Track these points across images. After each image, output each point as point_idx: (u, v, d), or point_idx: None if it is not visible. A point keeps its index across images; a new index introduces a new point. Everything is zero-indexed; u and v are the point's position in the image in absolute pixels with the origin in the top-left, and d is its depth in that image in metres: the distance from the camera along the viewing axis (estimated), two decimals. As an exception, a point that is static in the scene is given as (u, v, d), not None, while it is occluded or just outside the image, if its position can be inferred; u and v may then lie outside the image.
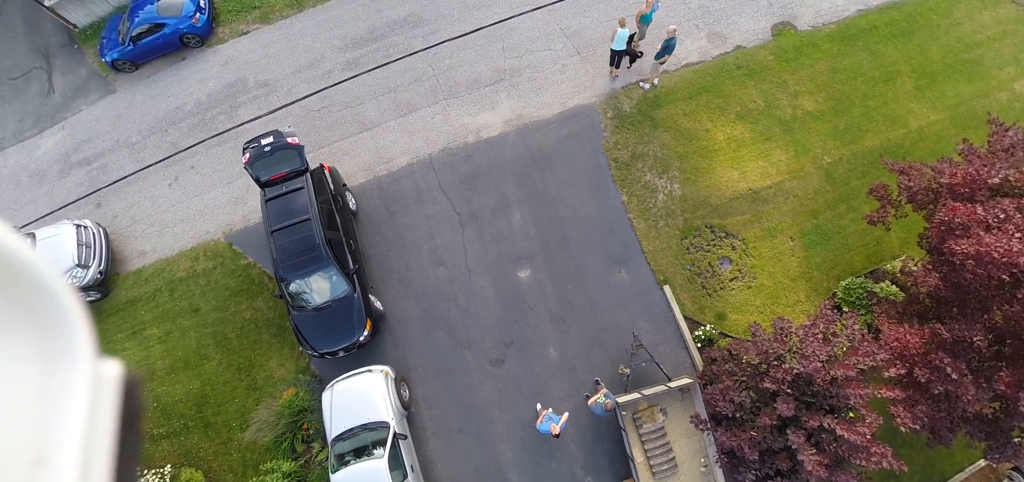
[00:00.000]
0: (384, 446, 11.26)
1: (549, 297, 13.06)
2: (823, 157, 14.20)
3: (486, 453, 12.54)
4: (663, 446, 12.14)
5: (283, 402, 12.55)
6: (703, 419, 11.32)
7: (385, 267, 13.37)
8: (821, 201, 14.02)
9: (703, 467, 12.34)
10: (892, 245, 14.04)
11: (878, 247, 14.01)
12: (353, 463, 11.31)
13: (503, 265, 13.23)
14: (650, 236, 13.39)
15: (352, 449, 11.62)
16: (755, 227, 13.71)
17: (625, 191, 13.56)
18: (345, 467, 11.28)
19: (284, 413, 12.42)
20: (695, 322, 13.12)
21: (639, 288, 13.13)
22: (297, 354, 13.33)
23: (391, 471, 11.23)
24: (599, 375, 12.63)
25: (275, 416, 12.35)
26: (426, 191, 13.63)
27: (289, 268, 12.00)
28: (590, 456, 12.46)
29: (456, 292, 13.15)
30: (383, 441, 11.35)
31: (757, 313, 13.31)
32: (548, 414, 11.58)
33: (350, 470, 11.21)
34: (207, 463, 13.37)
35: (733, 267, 13.48)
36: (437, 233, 13.42)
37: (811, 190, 14.02)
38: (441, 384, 12.83)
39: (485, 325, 13.00)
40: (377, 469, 11.05)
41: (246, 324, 13.58)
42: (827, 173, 14.15)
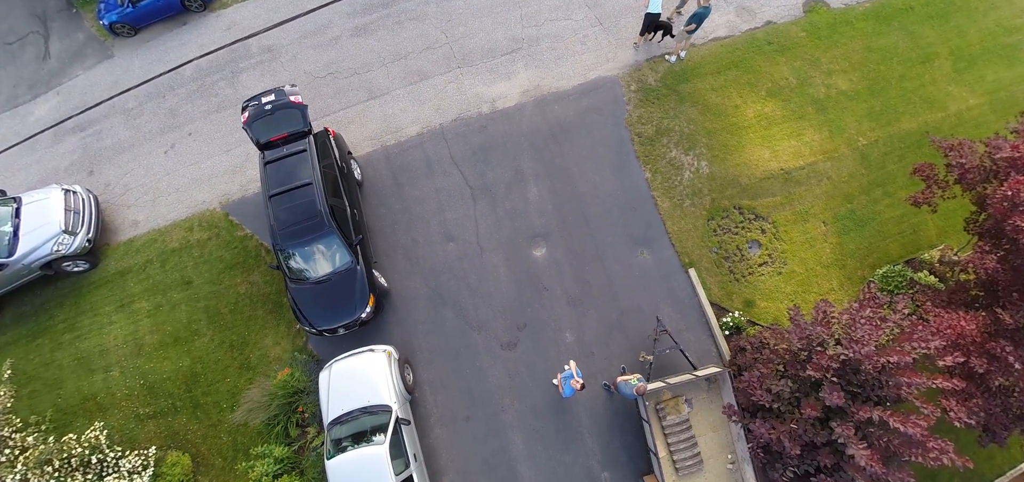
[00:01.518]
0: (385, 432, 10.00)
1: (566, 278, 11.83)
2: (858, 138, 13.00)
3: (495, 443, 11.27)
4: (688, 440, 10.86)
5: (277, 382, 11.30)
6: (736, 409, 10.05)
7: (391, 241, 12.16)
8: (856, 185, 12.80)
9: (730, 464, 11.05)
10: (929, 234, 12.81)
11: (915, 236, 12.78)
12: (351, 449, 10.05)
13: (517, 242, 12.02)
14: (675, 216, 12.17)
15: (350, 434, 10.35)
16: (786, 210, 12.49)
17: (649, 168, 12.36)
18: (342, 453, 10.03)
19: (278, 394, 11.16)
20: (722, 308, 11.87)
21: (662, 271, 11.90)
22: (294, 332, 12.09)
23: (392, 459, 9.98)
24: (623, 363, 11.38)
25: (268, 397, 11.09)
26: (436, 162, 12.45)
27: (287, 236, 10.78)
28: (607, 449, 11.19)
29: (466, 270, 11.93)
30: (384, 426, 10.08)
31: (788, 301, 12.05)
32: (564, 375, 10.32)
33: (347, 457, 9.94)
34: (195, 446, 12.10)
35: (762, 251, 12.25)
36: (447, 207, 12.22)
37: (845, 173, 12.81)
38: (448, 368, 11.58)
39: (496, 306, 11.76)
40: (377, 456, 9.78)
41: (240, 299, 12.36)
42: (862, 156, 12.94)
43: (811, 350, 9.47)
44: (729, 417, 10.07)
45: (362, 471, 9.82)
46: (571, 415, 11.30)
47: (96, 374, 12.61)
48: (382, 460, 9.74)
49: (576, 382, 9.86)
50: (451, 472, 11.22)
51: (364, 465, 9.82)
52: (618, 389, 10.47)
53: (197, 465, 12.04)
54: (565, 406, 11.29)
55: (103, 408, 12.40)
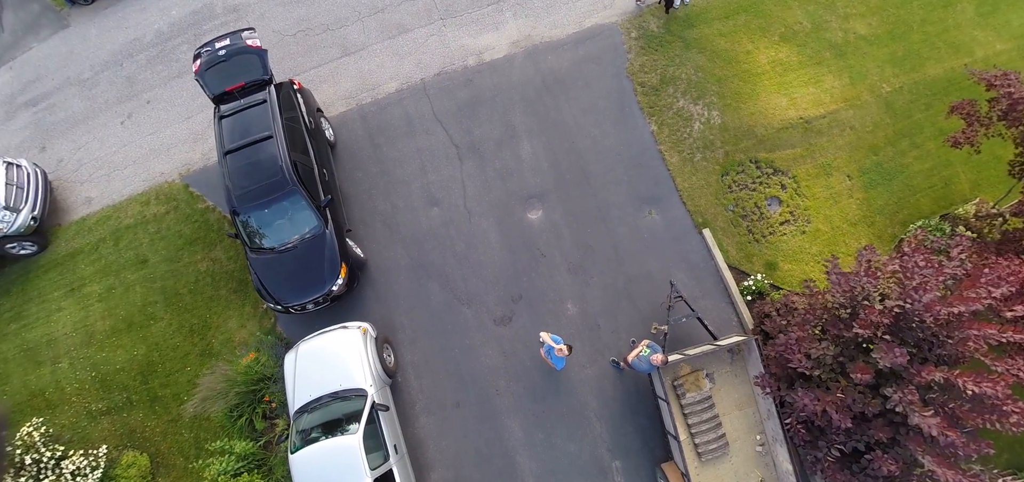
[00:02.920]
0: (359, 420, 8.14)
1: (565, 242, 10.03)
2: (881, 85, 11.29)
3: (489, 431, 9.40)
4: (711, 420, 9.01)
5: (238, 368, 9.43)
6: (770, 381, 8.22)
7: (368, 208, 10.35)
8: (881, 135, 11.07)
9: (759, 446, 9.19)
10: (962, 188, 11.06)
11: (946, 190, 11.03)
12: (321, 440, 8.17)
13: (510, 205, 10.22)
14: (685, 172, 10.41)
15: (320, 424, 8.46)
16: (807, 163, 10.74)
17: (654, 120, 10.62)
18: (309, 445, 8.15)
19: (238, 380, 9.28)
20: (741, 272, 10.07)
21: (673, 232, 10.11)
22: (261, 312, 10.23)
23: (368, 451, 8.11)
24: (632, 336, 9.55)
25: (226, 384, 9.20)
26: (418, 120, 10.68)
27: (245, 198, 8.96)
28: (618, 435, 9.33)
29: (453, 237, 10.11)
30: (358, 414, 8.23)
31: (813, 263, 10.27)
32: (546, 350, 8.53)
33: (314, 449, 8.05)
34: (154, 444, 10.18)
35: (783, 209, 10.48)
36: (430, 168, 10.43)
37: (869, 122, 11.08)
38: (434, 347, 9.73)
39: (488, 276, 9.94)
40: (348, 448, 7.90)
41: (201, 277, 10.51)
42: (887, 103, 11.22)
43: (855, 305, 7.68)
44: (762, 389, 8.24)
45: (331, 465, 7.93)
46: (575, 397, 9.46)
47: (44, 367, 10.71)
48: (354, 452, 7.86)
49: (560, 349, 8.11)
50: (439, 466, 9.33)
51: (333, 458, 7.94)
52: (631, 365, 8.64)
53: (156, 465, 10.12)
54: (568, 387, 9.45)
55: (52, 405, 10.49)
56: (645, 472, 9.22)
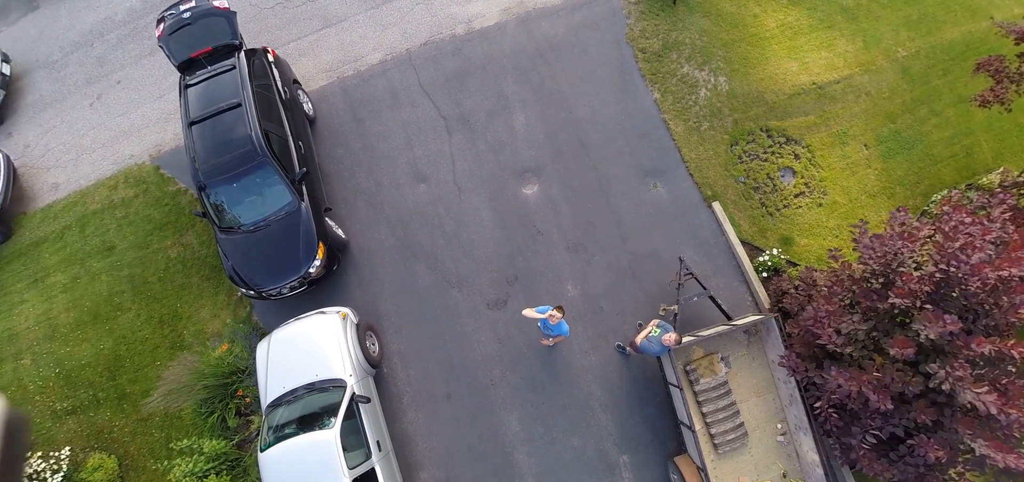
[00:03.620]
0: (337, 413, 7.08)
1: (564, 219, 9.02)
2: (897, 50, 10.32)
3: (483, 425, 8.34)
4: (727, 408, 7.95)
5: (207, 359, 8.38)
6: (796, 361, 7.15)
7: (349, 186, 9.33)
8: (898, 102, 10.09)
9: (780, 436, 8.13)
10: (985, 157, 10.07)
11: (968, 159, 10.04)
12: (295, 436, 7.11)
13: (503, 180, 9.21)
14: (692, 141, 9.41)
15: (294, 418, 7.37)
16: (821, 131, 9.75)
17: (657, 87, 9.63)
18: (281, 441, 7.08)
19: (207, 373, 8.23)
20: (754, 247, 9.05)
21: (681, 206, 9.10)
22: (235, 301, 9.19)
23: (347, 449, 7.06)
24: (639, 318, 8.52)
25: (193, 376, 8.15)
26: (403, 92, 9.68)
27: (213, 171, 7.94)
28: (626, 427, 8.27)
29: (442, 215, 9.09)
30: (337, 407, 7.17)
31: (832, 237, 9.25)
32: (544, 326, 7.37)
33: (286, 446, 6.97)
34: (122, 445, 9.10)
35: (797, 180, 9.47)
36: (417, 142, 9.42)
37: (885, 88, 10.10)
38: (422, 334, 8.68)
39: (480, 256, 8.91)
40: (323, 444, 6.82)
41: (171, 264, 9.47)
42: (903, 69, 10.25)
43: (890, 273, 6.66)
44: (788, 370, 7.17)
45: (305, 463, 6.85)
46: (578, 386, 8.41)
47: (5, 364, 9.63)
48: (330, 448, 6.79)
49: (553, 315, 6.97)
50: (429, 464, 8.26)
51: (307, 456, 6.86)
52: (639, 349, 7.59)
53: (125, 468, 9.03)
54: (570, 376, 8.40)
55: (14, 404, 9.40)
56: (655, 467, 8.16)
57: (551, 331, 7.37)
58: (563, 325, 7.21)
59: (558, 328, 7.21)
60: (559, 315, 7.00)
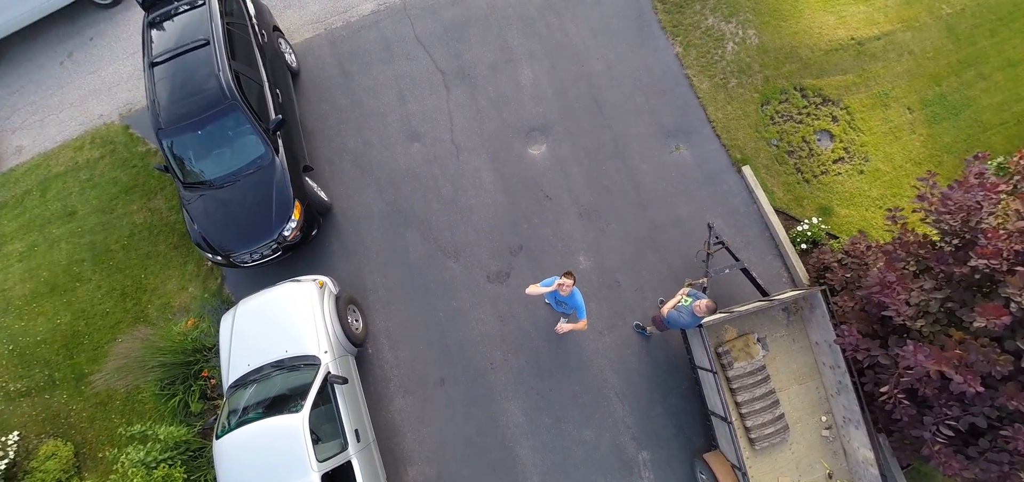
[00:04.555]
0: (307, 395, 5.72)
1: (575, 183, 7.67)
2: (941, 6, 8.93)
3: (482, 415, 6.96)
4: (765, 397, 6.54)
5: (169, 333, 7.04)
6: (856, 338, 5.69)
7: (335, 145, 8.01)
8: (943, 63, 8.71)
9: (825, 430, 6.70)
10: (1039, 126, 8.72)
11: (1019, 127, 8.59)
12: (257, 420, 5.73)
13: (506, 139, 7.87)
14: (718, 100, 8.06)
15: (259, 401, 6.01)
16: (861, 92, 8.39)
17: (678, 40, 8.30)
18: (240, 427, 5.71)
19: (166, 349, 6.89)
20: (790, 217, 7.68)
21: (706, 170, 7.73)
22: (205, 272, 7.86)
23: (321, 439, 5.72)
24: (662, 294, 7.14)
25: (148, 351, 6.81)
26: (397, 44, 8.37)
27: (175, 116, 6.63)
28: (645, 419, 6.87)
29: (437, 177, 7.76)
30: (308, 388, 5.81)
31: (875, 208, 7.87)
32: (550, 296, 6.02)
33: (244, 432, 5.61)
34: (80, 431, 7.74)
35: (836, 144, 8.10)
36: (411, 98, 8.11)
37: (929, 47, 8.73)
38: (413, 311, 7.32)
39: (480, 223, 7.56)
40: (287, 431, 5.45)
41: (137, 231, 8.16)
42: (948, 27, 8.87)
43: (968, 232, 5.29)
44: (850, 349, 5.71)
45: (267, 453, 5.49)
46: (591, 371, 7.02)
47: (-45, 343, 8.36)
48: (297, 435, 5.42)
49: (562, 284, 5.59)
50: (419, 459, 6.86)
51: (270, 443, 5.49)
52: (665, 323, 6.19)
53: (82, 456, 7.68)
54: (582, 359, 7.00)
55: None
56: (680, 465, 6.74)
57: (565, 305, 5.96)
58: (577, 296, 5.77)
59: (572, 300, 5.78)
60: (570, 282, 5.60)
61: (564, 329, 5.86)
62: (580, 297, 5.81)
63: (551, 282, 5.78)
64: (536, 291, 5.81)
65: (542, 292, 5.80)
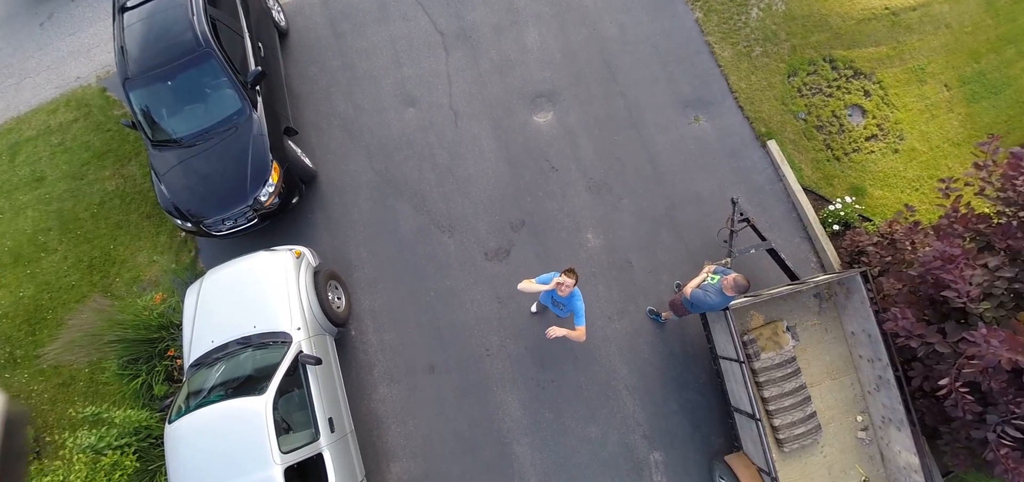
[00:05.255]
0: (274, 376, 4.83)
1: (585, 154, 6.79)
2: (981, -21, 8.12)
3: (475, 407, 6.05)
4: (795, 393, 5.60)
5: (132, 307, 6.18)
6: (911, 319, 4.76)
7: (323, 110, 7.17)
8: (982, 39, 7.82)
9: (861, 431, 5.77)
10: (1085, 111, 7.80)
11: (1065, 112, 7.77)
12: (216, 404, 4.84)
13: (510, 105, 7.01)
14: (741, 69, 7.18)
15: (222, 382, 5.10)
16: (895, 65, 7.50)
17: (698, 5, 7.41)
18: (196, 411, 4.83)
19: (126, 323, 6.01)
20: (820, 197, 6.78)
21: (728, 144, 6.85)
22: (178, 243, 7.00)
23: (290, 429, 4.83)
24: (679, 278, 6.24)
25: (105, 324, 5.94)
26: (393, 3, 7.52)
27: (142, 66, 5.81)
28: (659, 415, 5.95)
29: (433, 145, 6.89)
30: (274, 369, 4.92)
31: (911, 190, 6.97)
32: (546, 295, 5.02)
33: (199, 417, 4.71)
34: (41, 414, 6.83)
35: (868, 120, 7.21)
36: (407, 60, 7.25)
37: (967, 21, 7.84)
38: (402, 290, 6.44)
39: (479, 196, 6.69)
40: (248, 415, 4.54)
41: (108, 199, 7.32)
42: (987, 1, 8.02)
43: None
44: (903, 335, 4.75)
45: (224, 440, 4.57)
46: (598, 362, 6.10)
47: (-87, 316, 7.53)
48: (258, 421, 4.52)
49: (561, 283, 4.58)
50: (403, 454, 5.95)
51: (227, 429, 4.58)
52: (686, 306, 5.27)
53: (41, 441, 6.79)
54: (588, 349, 6.08)
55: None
56: (696, 467, 5.81)
57: (562, 307, 4.93)
58: (577, 298, 4.73)
59: (571, 302, 4.76)
60: (571, 282, 4.57)
61: (556, 334, 4.62)
62: (581, 301, 4.76)
63: (548, 279, 4.76)
64: (530, 288, 4.76)
65: (538, 290, 4.75)
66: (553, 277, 4.72)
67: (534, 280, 4.81)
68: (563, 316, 5.14)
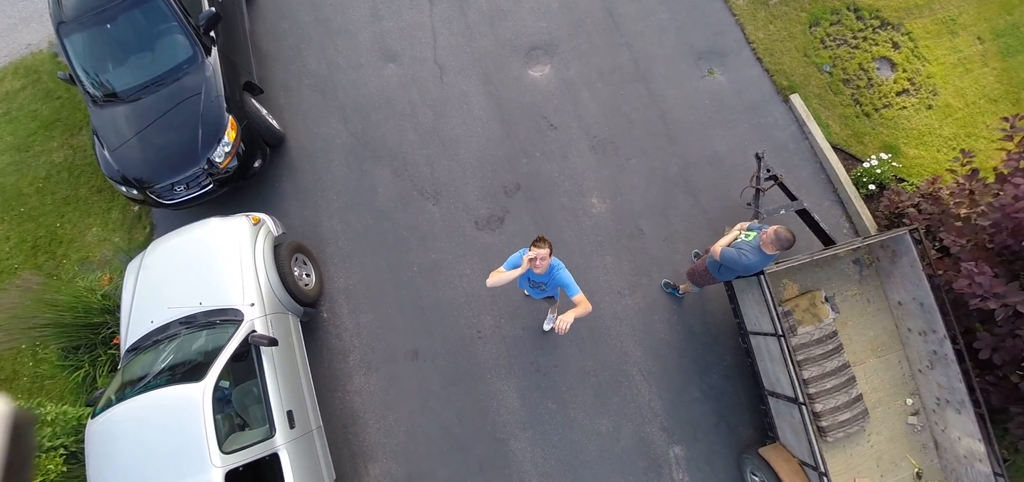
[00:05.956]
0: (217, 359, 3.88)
1: (587, 110, 5.89)
2: (1011, -74, 7.31)
3: (466, 399, 5.10)
4: (838, 372, 4.66)
5: (71, 288, 5.22)
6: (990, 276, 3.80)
7: (293, 69, 6.25)
8: (1016, -9, 7.04)
9: (912, 416, 4.83)
10: (1125, 67, 6.96)
11: (1106, 69, 6.93)
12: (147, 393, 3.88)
13: (502, 59, 6.11)
14: (757, 18, 6.30)
15: (162, 370, 4.10)
16: (924, 16, 6.63)
17: (708, -49, 6.61)
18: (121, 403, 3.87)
19: (61, 305, 5.04)
20: (850, 156, 5.89)
21: (746, 98, 5.96)
22: (131, 219, 6.05)
23: (244, 425, 3.88)
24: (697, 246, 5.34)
25: (35, 306, 4.96)
26: (373, -46, 6.70)
27: (78, 6, 4.89)
28: (678, 404, 5.00)
29: (415, 103, 5.99)
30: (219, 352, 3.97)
31: (949, 148, 6.09)
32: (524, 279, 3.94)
33: (124, 410, 3.74)
34: (-22, 423, 5.91)
35: (898, 74, 6.33)
36: (386, 13, 6.35)
37: (1001, -29, 7.06)
38: (381, 265, 5.50)
39: (467, 158, 5.77)
40: (183, 405, 3.58)
41: (55, 172, 6.37)
42: (1020, -50, 7.23)
43: None
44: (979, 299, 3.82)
45: (153, 437, 3.60)
46: (607, 344, 5.16)
47: None
48: (194, 413, 3.55)
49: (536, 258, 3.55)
50: (383, 454, 4.98)
51: (157, 424, 3.60)
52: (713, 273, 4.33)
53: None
54: (596, 328, 5.16)
55: None
56: (722, 462, 4.85)
57: (544, 288, 3.90)
58: (558, 270, 3.71)
59: (553, 277, 3.73)
60: (545, 252, 3.54)
61: (567, 323, 3.32)
62: (564, 270, 3.74)
63: (519, 259, 3.70)
64: (502, 279, 3.65)
65: (511, 277, 3.65)
66: (523, 255, 3.67)
67: (502, 268, 3.73)
68: (552, 297, 4.15)
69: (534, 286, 3.98)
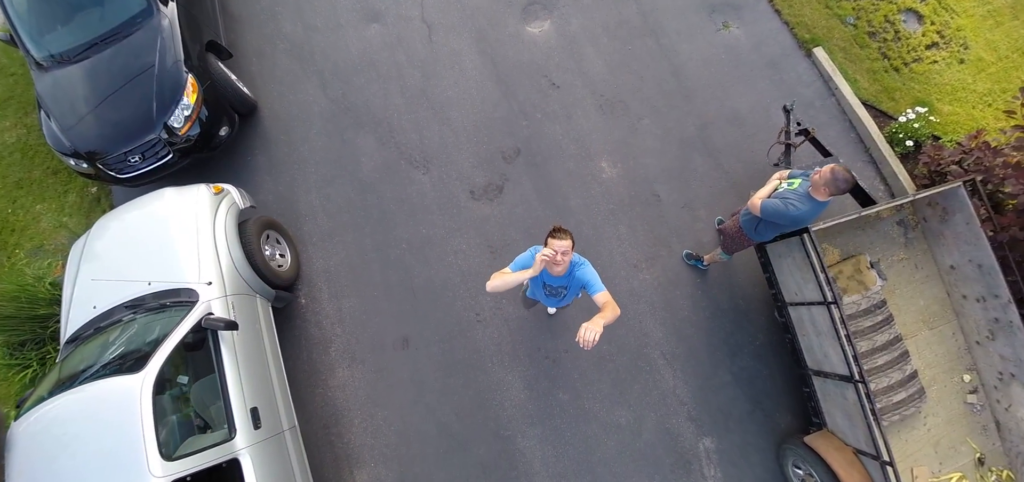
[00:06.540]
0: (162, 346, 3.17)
1: (592, 67, 5.24)
2: None
3: (465, 391, 4.39)
4: (890, 347, 3.98)
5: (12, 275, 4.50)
6: None
7: (267, 33, 5.56)
8: (1043, -60, 6.46)
9: (970, 395, 4.16)
10: None
11: None
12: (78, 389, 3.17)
13: (496, 14, 5.44)
14: (773, -32, 5.72)
15: (105, 362, 3.38)
16: (952, -34, 6.09)
17: (717, -100, 5.99)
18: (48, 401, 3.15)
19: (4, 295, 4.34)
20: (880, 112, 5.26)
21: (766, 53, 5.33)
22: (90, 202, 5.32)
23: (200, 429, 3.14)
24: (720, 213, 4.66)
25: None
26: (354, -90, 6.05)
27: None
28: (705, 391, 4.31)
29: (401, 65, 5.31)
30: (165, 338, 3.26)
31: (983, 105, 5.47)
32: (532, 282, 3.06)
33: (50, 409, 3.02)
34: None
35: (926, 26, 5.71)
36: (371, -28, 5.74)
37: (1026, -80, 6.49)
38: (366, 243, 4.80)
39: (460, 122, 5.09)
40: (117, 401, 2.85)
41: (6, 153, 5.63)
42: (1045, -101, 6.66)
43: None
44: None
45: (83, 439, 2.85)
46: (625, 323, 4.43)
47: None
48: (130, 410, 2.82)
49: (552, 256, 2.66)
50: (372, 457, 4.25)
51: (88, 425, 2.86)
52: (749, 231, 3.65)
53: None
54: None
55: None
56: (759, 454, 4.16)
57: (563, 292, 3.07)
58: (581, 267, 2.87)
59: (574, 277, 2.92)
60: (566, 244, 2.71)
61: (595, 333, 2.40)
62: (589, 267, 2.89)
63: (529, 259, 2.88)
64: (507, 282, 2.76)
65: (519, 280, 2.78)
66: (535, 252, 2.84)
67: (507, 269, 2.90)
68: (566, 303, 3.31)
69: (550, 293, 3.10)
